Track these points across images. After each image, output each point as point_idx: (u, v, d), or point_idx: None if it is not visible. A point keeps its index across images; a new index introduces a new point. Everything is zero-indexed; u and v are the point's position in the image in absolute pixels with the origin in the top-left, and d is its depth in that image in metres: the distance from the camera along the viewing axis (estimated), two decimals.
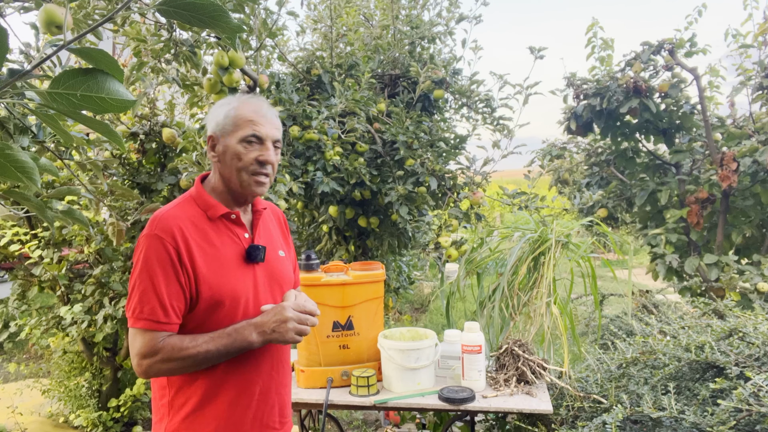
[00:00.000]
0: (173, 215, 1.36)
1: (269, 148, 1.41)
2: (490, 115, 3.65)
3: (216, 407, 1.37)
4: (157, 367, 1.29)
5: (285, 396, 1.53)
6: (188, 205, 1.41)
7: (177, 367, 1.30)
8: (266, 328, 1.34)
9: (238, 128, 1.40)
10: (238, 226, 1.45)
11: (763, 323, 1.80)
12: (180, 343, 1.29)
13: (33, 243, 3.33)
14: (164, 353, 1.28)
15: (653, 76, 3.76)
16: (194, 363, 1.31)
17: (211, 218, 1.41)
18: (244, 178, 1.40)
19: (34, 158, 1.13)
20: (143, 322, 1.29)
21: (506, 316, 2.20)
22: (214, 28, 0.90)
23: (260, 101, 1.46)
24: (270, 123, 1.42)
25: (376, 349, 2.08)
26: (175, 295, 1.31)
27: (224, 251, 1.39)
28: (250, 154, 1.39)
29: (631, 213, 4.34)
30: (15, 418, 3.56)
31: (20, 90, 1.12)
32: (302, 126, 2.98)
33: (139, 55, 2.41)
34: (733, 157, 3.44)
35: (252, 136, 1.39)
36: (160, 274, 1.29)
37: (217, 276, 1.35)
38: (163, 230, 1.32)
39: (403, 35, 3.70)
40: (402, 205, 3.10)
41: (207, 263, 1.35)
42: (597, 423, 1.56)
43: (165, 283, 1.29)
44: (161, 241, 1.31)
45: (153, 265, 1.30)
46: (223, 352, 1.32)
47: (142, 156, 3.30)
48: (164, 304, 1.29)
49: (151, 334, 1.29)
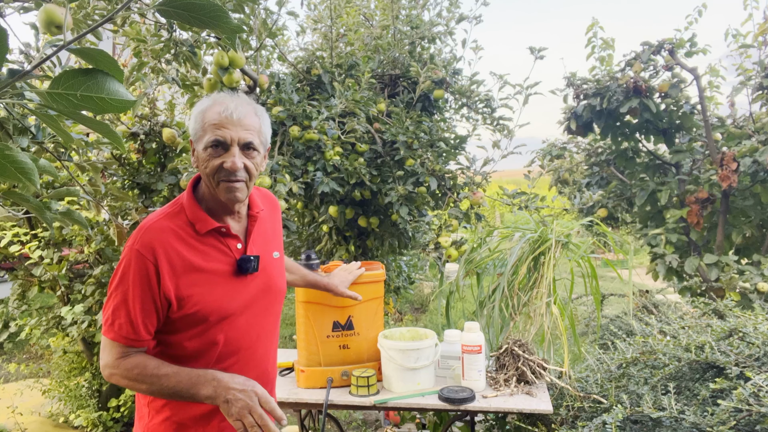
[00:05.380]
0: (159, 228, 1.31)
1: (234, 153, 1.30)
2: (490, 115, 3.65)
3: (194, 414, 1.35)
4: (116, 380, 1.28)
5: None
6: (177, 217, 1.35)
7: (133, 387, 1.28)
8: (223, 394, 1.23)
9: (204, 133, 1.32)
10: (230, 237, 1.38)
11: (763, 323, 1.80)
12: (142, 368, 1.26)
13: (33, 243, 3.33)
14: (124, 370, 1.26)
15: (653, 76, 3.76)
16: (149, 390, 1.27)
17: (200, 232, 1.34)
18: (215, 185, 1.33)
19: (33, 159, 1.13)
20: (113, 334, 1.27)
21: (506, 316, 2.20)
22: (214, 28, 0.90)
23: (231, 100, 1.34)
24: (237, 125, 1.31)
25: (376, 349, 2.07)
26: (147, 313, 1.27)
27: (212, 267, 1.33)
28: (213, 161, 1.31)
29: (631, 213, 4.34)
30: (15, 418, 3.56)
31: (20, 90, 1.12)
32: (302, 126, 2.98)
33: (139, 56, 2.41)
34: (733, 157, 3.44)
35: (215, 141, 1.30)
36: (135, 292, 1.26)
37: (202, 293, 1.31)
38: (145, 246, 1.27)
39: (403, 35, 3.70)
40: (402, 206, 3.10)
41: (192, 281, 1.30)
42: (597, 423, 1.56)
43: (138, 302, 1.26)
44: (142, 259, 1.26)
45: (129, 281, 1.27)
46: (177, 391, 1.25)
47: (142, 156, 3.31)
48: (135, 322, 1.26)
49: (120, 348, 1.27)
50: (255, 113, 1.37)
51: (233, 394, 1.22)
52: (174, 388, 1.25)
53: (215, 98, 1.36)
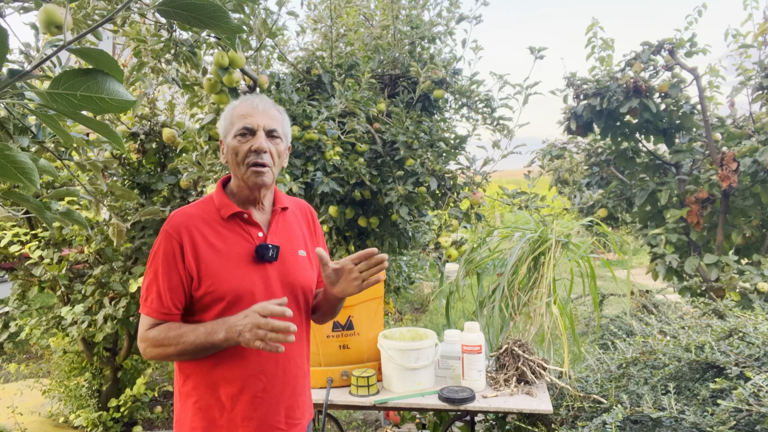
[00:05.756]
0: (187, 213, 1.45)
1: (260, 136, 1.44)
2: (490, 115, 3.65)
3: (217, 400, 1.41)
4: (148, 351, 1.39)
5: (295, 397, 1.50)
6: (206, 205, 1.49)
7: (163, 353, 1.37)
8: (234, 329, 1.30)
9: (233, 126, 1.46)
10: (251, 225, 1.48)
11: (763, 323, 1.80)
12: (166, 332, 1.37)
13: (33, 243, 3.33)
14: (152, 339, 1.37)
15: (653, 76, 3.76)
16: (176, 351, 1.36)
17: (224, 217, 1.46)
18: (243, 171, 1.45)
19: (33, 159, 1.13)
20: (146, 308, 1.40)
21: (506, 316, 2.20)
22: (213, 28, 0.90)
23: (258, 98, 1.50)
24: (262, 113, 1.46)
25: (376, 349, 2.08)
26: (174, 289, 1.39)
27: (233, 249, 1.43)
28: (244, 146, 1.44)
29: (631, 213, 4.34)
30: (15, 418, 3.56)
31: (20, 90, 1.12)
32: (302, 126, 2.98)
33: (139, 56, 2.41)
34: (733, 157, 3.44)
35: (243, 128, 1.44)
36: (163, 269, 1.39)
37: (219, 272, 1.40)
38: (173, 227, 1.42)
39: (403, 35, 3.70)
40: (402, 206, 3.10)
41: (213, 258, 1.40)
42: (597, 423, 1.56)
43: (165, 278, 1.39)
44: (169, 237, 1.41)
45: (159, 259, 1.40)
46: (198, 345, 1.35)
47: (142, 156, 3.31)
48: (162, 297, 1.38)
49: (151, 321, 1.39)
50: (277, 109, 1.53)
51: (241, 326, 1.30)
52: (194, 343, 1.34)
53: (242, 98, 1.51)
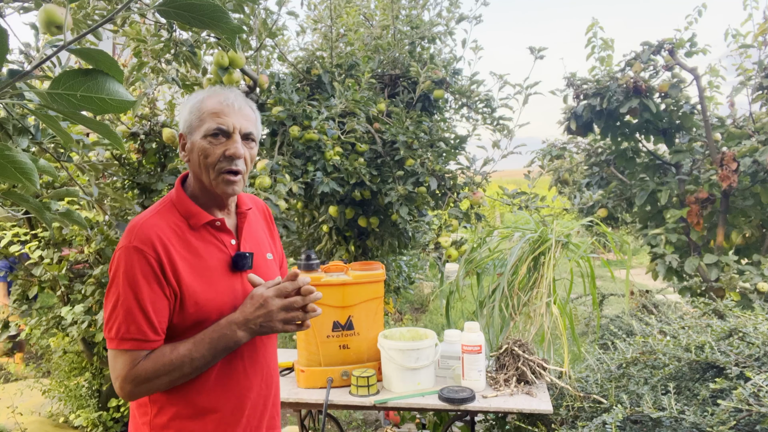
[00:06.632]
0: (152, 224, 1.25)
1: (236, 140, 1.28)
2: (490, 115, 3.65)
3: (202, 427, 1.29)
4: (138, 390, 1.20)
5: (274, 408, 1.46)
6: (168, 213, 1.30)
7: (164, 382, 1.21)
8: (252, 324, 1.23)
9: (202, 122, 1.28)
10: (224, 232, 1.35)
11: (763, 323, 1.80)
12: (161, 358, 1.20)
13: (33, 243, 3.33)
14: (146, 373, 1.19)
15: (653, 76, 3.76)
16: (181, 374, 1.21)
17: (194, 227, 1.30)
18: (213, 176, 1.29)
19: (33, 159, 1.13)
20: (130, 342, 1.19)
21: (506, 316, 2.20)
22: (213, 28, 0.90)
23: (229, 92, 1.33)
24: (238, 114, 1.30)
25: (376, 349, 2.07)
26: (161, 310, 1.22)
27: (208, 262, 1.30)
28: (216, 149, 1.27)
29: (631, 213, 4.34)
30: (15, 418, 3.56)
31: (20, 90, 1.12)
32: (302, 126, 2.98)
33: (139, 56, 2.41)
34: (733, 157, 3.44)
35: (216, 129, 1.27)
36: (145, 288, 1.19)
37: (203, 290, 1.27)
38: (143, 241, 1.21)
39: (403, 35, 3.70)
40: (402, 205, 3.10)
41: (192, 276, 1.26)
42: (597, 423, 1.56)
43: (151, 299, 1.20)
44: (142, 254, 1.20)
45: (137, 279, 1.19)
46: (209, 357, 1.23)
47: (142, 156, 3.30)
48: (152, 321, 1.20)
49: (135, 354, 1.20)
50: (250, 106, 1.37)
51: (261, 318, 1.22)
52: (204, 356, 1.22)
53: (211, 89, 1.34)
